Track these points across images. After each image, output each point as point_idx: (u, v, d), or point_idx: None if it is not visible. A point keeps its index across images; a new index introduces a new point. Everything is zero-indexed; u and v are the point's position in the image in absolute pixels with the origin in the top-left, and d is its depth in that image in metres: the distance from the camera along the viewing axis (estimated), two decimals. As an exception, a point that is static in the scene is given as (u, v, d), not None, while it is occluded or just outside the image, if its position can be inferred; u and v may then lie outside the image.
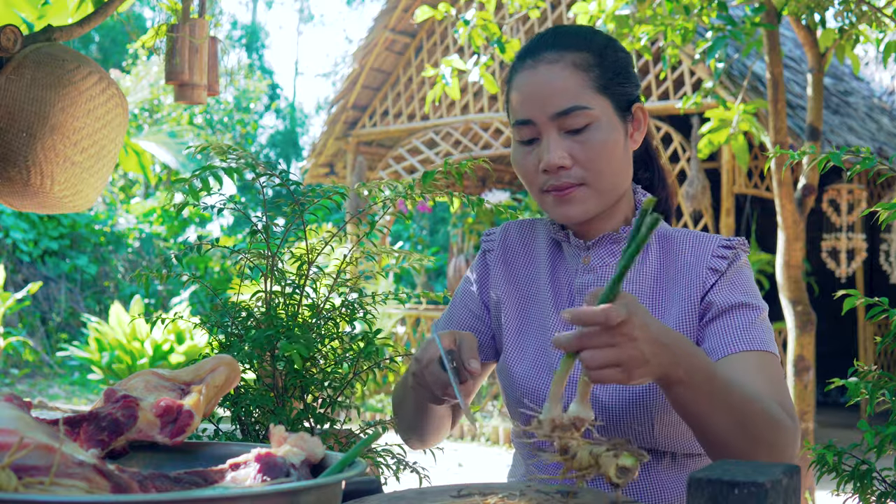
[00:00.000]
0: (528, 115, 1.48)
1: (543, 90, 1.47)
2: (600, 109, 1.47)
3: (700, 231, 1.59)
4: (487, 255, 1.69)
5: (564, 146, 1.47)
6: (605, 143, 1.47)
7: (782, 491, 0.86)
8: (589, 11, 3.87)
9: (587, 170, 1.47)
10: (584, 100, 1.46)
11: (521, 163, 1.52)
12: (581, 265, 1.56)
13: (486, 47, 3.95)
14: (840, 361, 1.26)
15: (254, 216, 1.49)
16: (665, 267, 1.54)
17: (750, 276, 1.53)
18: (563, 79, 1.46)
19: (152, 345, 9.71)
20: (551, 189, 1.49)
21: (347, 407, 1.49)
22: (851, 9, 3.72)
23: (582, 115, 1.46)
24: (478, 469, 6.95)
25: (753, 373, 1.40)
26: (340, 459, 1.00)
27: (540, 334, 1.57)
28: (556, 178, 1.47)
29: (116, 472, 0.88)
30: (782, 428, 1.32)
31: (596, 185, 1.48)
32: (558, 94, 1.46)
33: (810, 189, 4.35)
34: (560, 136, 1.47)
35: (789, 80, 8.21)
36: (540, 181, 1.50)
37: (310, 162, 10.57)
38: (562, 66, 1.47)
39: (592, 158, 1.47)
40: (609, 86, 1.49)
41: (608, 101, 1.48)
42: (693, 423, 1.31)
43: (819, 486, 5.15)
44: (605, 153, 1.47)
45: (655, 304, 1.52)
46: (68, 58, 2.08)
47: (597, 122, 1.47)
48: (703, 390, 1.25)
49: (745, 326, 1.44)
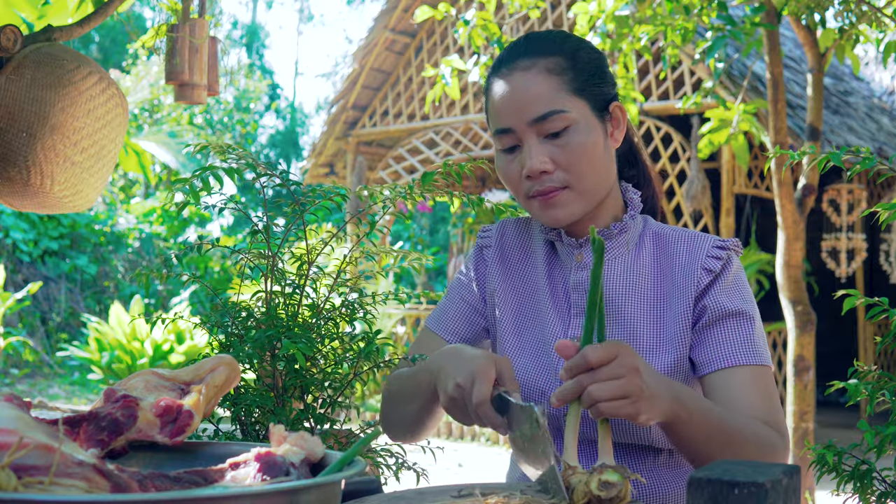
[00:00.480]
0: (506, 124, 1.50)
1: (519, 97, 1.48)
2: (577, 112, 1.48)
3: (694, 230, 1.60)
4: (484, 250, 1.70)
5: (545, 151, 1.48)
6: (585, 144, 1.48)
7: (782, 491, 0.86)
8: (589, 11, 3.87)
9: (569, 172, 1.48)
10: (560, 103, 1.47)
11: (505, 170, 1.54)
12: (575, 263, 1.57)
13: (486, 47, 3.95)
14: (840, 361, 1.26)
15: (254, 216, 1.50)
16: (660, 266, 1.55)
17: (744, 280, 1.54)
18: (538, 84, 1.48)
19: (152, 345, 9.71)
20: (536, 195, 1.50)
21: (347, 407, 1.49)
22: (851, 9, 3.72)
23: (559, 118, 1.47)
24: (478, 469, 6.95)
25: (747, 388, 1.44)
26: (340, 458, 1.00)
27: (539, 331, 1.58)
28: (540, 182, 1.49)
29: (116, 471, 0.88)
30: (771, 452, 1.40)
31: (579, 187, 1.50)
32: (534, 100, 1.47)
33: (810, 189, 4.35)
34: (540, 141, 1.48)
35: (789, 80, 8.22)
36: (524, 188, 1.51)
37: (310, 162, 10.58)
38: (535, 71, 1.49)
39: (573, 161, 1.48)
40: (584, 87, 1.50)
41: (585, 102, 1.50)
42: (686, 453, 1.38)
43: (819, 486, 5.15)
44: (586, 155, 1.48)
45: (655, 304, 1.52)
46: (68, 58, 2.08)
47: (575, 125, 1.48)
48: (701, 427, 1.33)
49: (741, 339, 1.47)
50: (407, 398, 1.57)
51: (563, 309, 1.57)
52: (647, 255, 1.56)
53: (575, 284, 1.56)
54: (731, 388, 1.44)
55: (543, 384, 1.53)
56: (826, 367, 6.58)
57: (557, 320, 1.56)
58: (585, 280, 1.55)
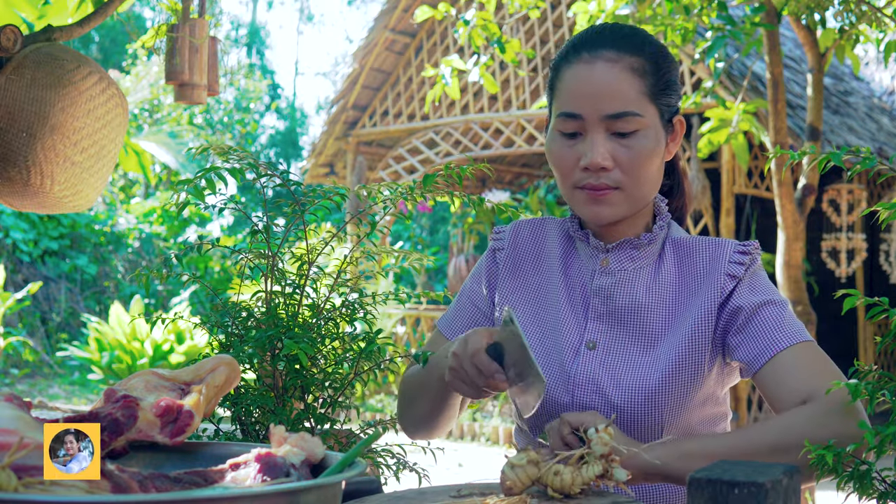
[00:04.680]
0: (578, 110, 1.48)
1: (600, 89, 1.47)
2: (650, 118, 1.48)
3: (713, 237, 1.60)
4: (497, 253, 1.69)
5: (609, 147, 1.47)
6: (649, 151, 1.48)
7: (782, 491, 0.86)
8: (589, 11, 3.87)
9: (627, 175, 1.48)
10: (637, 106, 1.47)
11: (558, 154, 1.52)
12: (599, 267, 1.56)
13: (486, 47, 3.95)
14: (840, 361, 1.26)
15: (254, 216, 1.50)
16: (681, 274, 1.54)
17: (765, 275, 1.54)
18: (622, 81, 1.47)
19: (152, 345, 9.71)
20: (587, 187, 1.49)
21: (348, 407, 1.49)
22: (851, 9, 3.72)
23: (633, 120, 1.46)
24: (478, 469, 6.95)
25: (793, 371, 1.42)
26: (340, 459, 1.00)
27: (553, 333, 1.57)
28: (595, 177, 1.48)
29: (116, 472, 0.88)
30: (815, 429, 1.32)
31: (631, 190, 1.49)
32: (615, 96, 1.46)
33: (810, 189, 4.35)
34: (607, 137, 1.47)
35: (789, 80, 8.21)
36: (576, 177, 1.50)
37: (310, 162, 10.57)
38: (620, 67, 1.47)
39: (634, 165, 1.47)
40: (659, 95, 1.50)
41: (657, 110, 1.50)
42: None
43: (819, 486, 5.13)
44: (647, 161, 1.48)
45: (674, 311, 1.52)
46: (68, 58, 2.08)
47: (645, 130, 1.48)
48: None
49: (777, 323, 1.46)
50: (419, 395, 1.61)
51: (580, 312, 1.56)
52: (669, 262, 1.56)
53: (596, 289, 1.55)
54: (777, 377, 1.43)
55: (555, 387, 1.53)
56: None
57: (573, 323, 1.56)
58: (608, 286, 1.54)
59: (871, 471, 1.17)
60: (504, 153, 9.23)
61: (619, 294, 1.54)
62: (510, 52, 3.78)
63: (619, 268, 1.55)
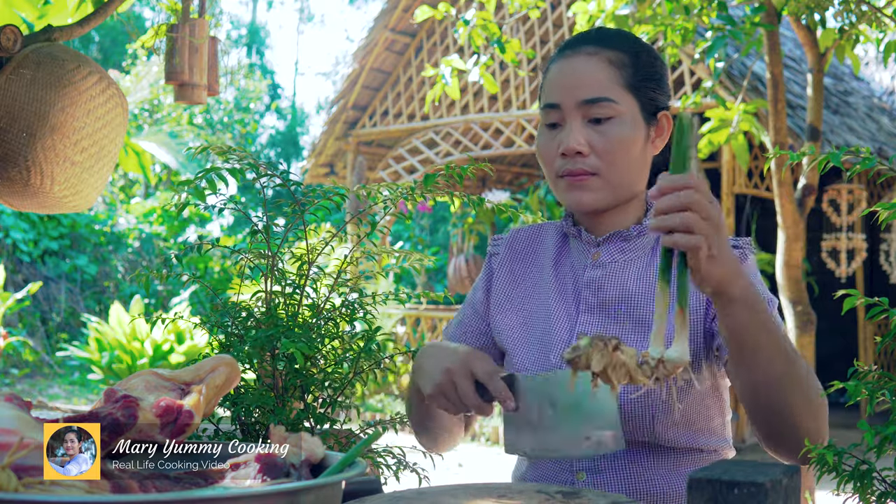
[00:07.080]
0: (556, 99, 1.53)
1: (576, 78, 1.53)
2: (626, 106, 1.52)
3: None
4: (492, 258, 1.73)
5: (585, 133, 1.52)
6: (625, 138, 1.51)
7: (782, 491, 0.86)
8: (588, 11, 3.87)
9: (602, 160, 1.51)
10: (612, 93, 1.51)
11: (543, 146, 1.57)
12: (590, 261, 1.59)
13: (486, 47, 3.95)
14: (840, 361, 1.26)
15: (254, 216, 1.50)
16: None
17: (758, 276, 1.55)
18: (597, 71, 1.52)
19: (152, 345, 9.71)
20: (566, 174, 1.53)
21: (347, 407, 1.49)
22: (851, 9, 3.72)
23: (608, 106, 1.51)
24: (478, 469, 6.95)
25: None
26: (340, 459, 1.00)
27: (544, 324, 1.59)
28: (573, 162, 1.52)
29: (116, 472, 0.88)
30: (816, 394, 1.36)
31: (608, 176, 1.52)
32: (589, 83, 1.52)
33: (810, 189, 4.35)
34: (583, 123, 1.52)
35: (789, 80, 8.21)
36: (557, 165, 1.54)
37: (310, 162, 10.57)
38: (597, 59, 1.53)
39: (609, 150, 1.51)
40: (639, 87, 1.54)
41: (635, 101, 1.53)
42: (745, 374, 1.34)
43: (819, 486, 5.13)
44: (623, 148, 1.52)
45: None
46: (68, 58, 2.08)
47: (620, 117, 1.51)
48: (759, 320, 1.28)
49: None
50: (413, 406, 1.62)
51: (571, 305, 1.58)
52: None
53: (587, 282, 1.57)
54: None
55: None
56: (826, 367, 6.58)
57: (564, 316, 1.57)
58: (598, 278, 1.56)
59: (872, 471, 1.17)
60: (504, 153, 9.23)
61: (610, 285, 1.56)
62: (510, 52, 3.78)
63: (610, 260, 1.57)
